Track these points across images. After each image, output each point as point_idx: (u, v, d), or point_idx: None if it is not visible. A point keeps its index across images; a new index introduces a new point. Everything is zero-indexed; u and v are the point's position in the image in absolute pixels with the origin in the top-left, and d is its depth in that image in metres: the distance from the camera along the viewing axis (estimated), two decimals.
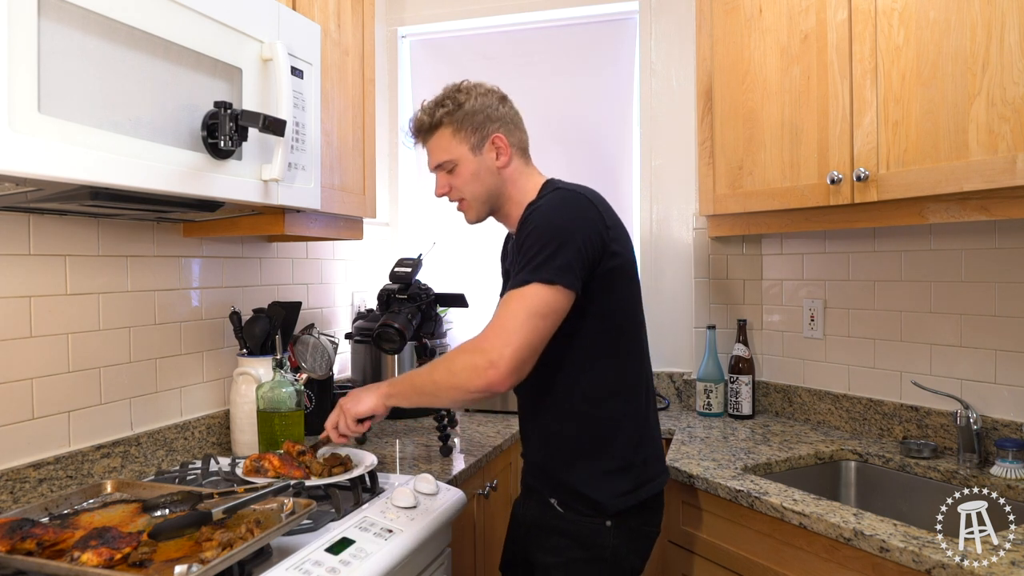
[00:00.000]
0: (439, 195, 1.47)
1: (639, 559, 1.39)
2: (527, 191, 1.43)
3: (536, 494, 1.44)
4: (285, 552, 1.12)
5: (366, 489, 1.42)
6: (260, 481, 1.32)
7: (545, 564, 1.39)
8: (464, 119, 1.39)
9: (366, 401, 1.36)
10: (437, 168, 1.45)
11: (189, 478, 1.50)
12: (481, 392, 1.23)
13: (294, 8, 1.59)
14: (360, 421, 1.38)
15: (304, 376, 1.77)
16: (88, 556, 0.95)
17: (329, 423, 1.42)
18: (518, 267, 1.27)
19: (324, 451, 1.50)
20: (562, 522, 1.37)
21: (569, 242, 1.25)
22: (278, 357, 1.68)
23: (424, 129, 1.44)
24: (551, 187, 1.41)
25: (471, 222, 1.49)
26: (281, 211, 1.59)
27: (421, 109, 1.45)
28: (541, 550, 1.40)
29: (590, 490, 1.34)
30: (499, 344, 1.21)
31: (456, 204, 1.48)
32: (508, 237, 1.60)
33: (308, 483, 1.34)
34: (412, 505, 1.36)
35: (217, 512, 1.04)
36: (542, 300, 1.22)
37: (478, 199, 1.44)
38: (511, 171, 1.43)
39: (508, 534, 1.58)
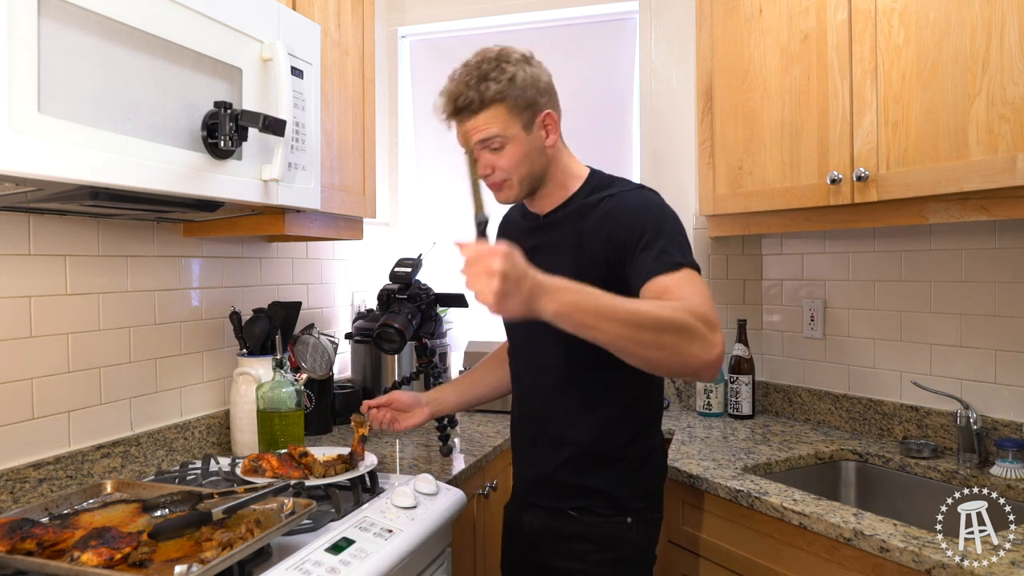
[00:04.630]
0: (482, 175, 1.31)
1: (654, 548, 1.39)
2: (570, 172, 1.37)
3: (541, 508, 1.40)
4: (285, 552, 1.12)
5: (366, 489, 1.42)
6: (260, 481, 1.32)
7: (568, 570, 1.36)
8: (518, 96, 1.25)
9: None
10: (481, 144, 1.28)
11: (189, 478, 1.50)
12: (694, 372, 1.05)
13: (294, 8, 1.59)
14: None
15: (304, 376, 1.77)
16: (88, 556, 0.95)
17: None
18: (656, 244, 1.19)
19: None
20: (579, 526, 1.34)
21: (687, 241, 1.24)
22: (278, 357, 1.68)
23: (472, 108, 1.26)
24: (615, 180, 1.38)
25: (507, 202, 1.38)
26: (281, 211, 1.59)
27: (463, 84, 1.26)
28: (559, 556, 1.37)
29: (615, 489, 1.33)
30: (718, 324, 1.05)
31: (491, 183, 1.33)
32: (507, 221, 1.54)
33: (308, 483, 1.34)
34: (412, 505, 1.36)
35: (217, 512, 1.04)
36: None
37: (524, 180, 1.32)
38: (555, 149, 1.34)
39: (507, 541, 1.52)
